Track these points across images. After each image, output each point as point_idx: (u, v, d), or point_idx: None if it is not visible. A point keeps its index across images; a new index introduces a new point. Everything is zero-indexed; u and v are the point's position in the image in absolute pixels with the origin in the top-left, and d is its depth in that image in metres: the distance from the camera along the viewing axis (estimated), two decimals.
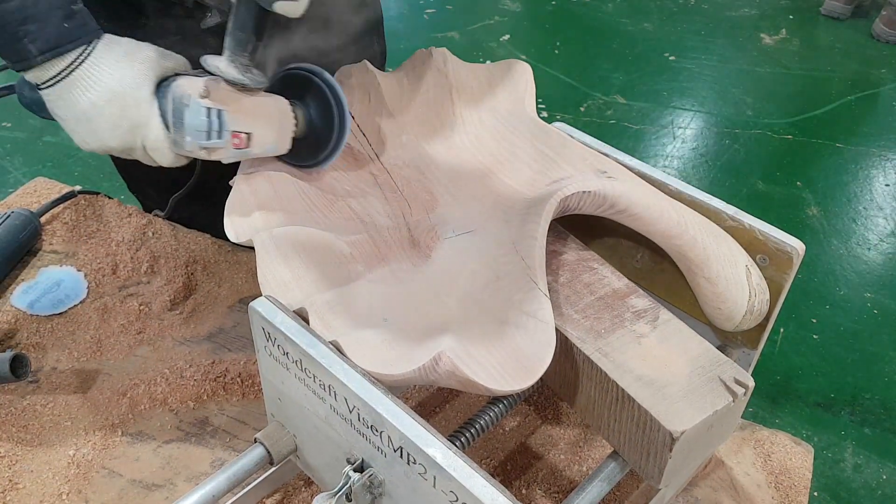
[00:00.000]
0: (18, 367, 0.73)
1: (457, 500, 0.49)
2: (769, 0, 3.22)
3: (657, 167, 1.15)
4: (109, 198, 1.02)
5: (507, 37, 2.89)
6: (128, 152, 0.65)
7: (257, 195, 0.67)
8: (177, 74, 0.64)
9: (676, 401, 0.56)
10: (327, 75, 0.67)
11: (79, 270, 0.93)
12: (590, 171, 0.69)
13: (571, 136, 0.74)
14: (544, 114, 2.49)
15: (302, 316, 0.58)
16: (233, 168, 0.71)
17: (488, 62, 0.80)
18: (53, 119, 0.66)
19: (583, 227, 0.72)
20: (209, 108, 0.61)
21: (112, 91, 0.61)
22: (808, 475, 0.78)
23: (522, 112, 0.76)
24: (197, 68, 0.68)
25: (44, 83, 0.61)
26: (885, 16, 2.94)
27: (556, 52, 2.84)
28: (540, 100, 2.47)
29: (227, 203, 0.66)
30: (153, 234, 0.97)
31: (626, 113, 2.54)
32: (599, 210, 0.66)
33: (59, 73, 0.61)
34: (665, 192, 0.68)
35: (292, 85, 0.69)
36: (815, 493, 1.49)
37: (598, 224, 0.71)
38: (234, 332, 0.88)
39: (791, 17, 3.12)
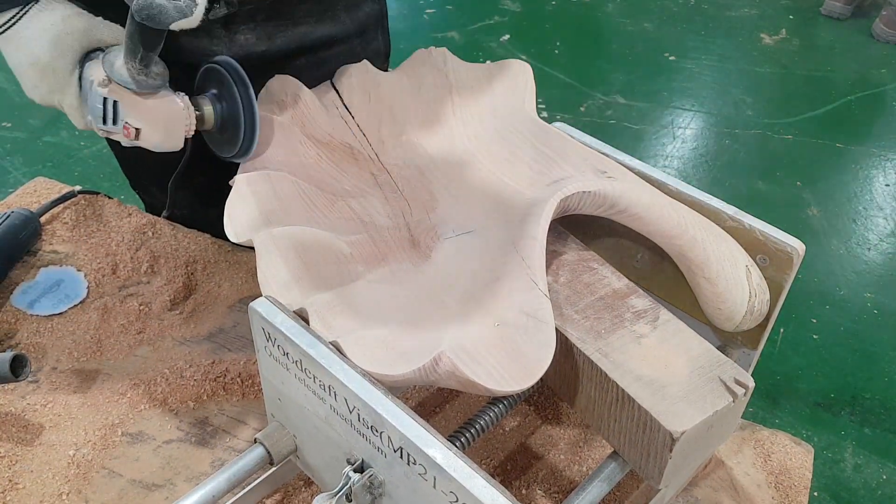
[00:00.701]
0: (18, 367, 0.73)
1: (457, 501, 0.49)
2: (769, 0, 3.22)
3: (657, 167, 1.15)
4: (109, 198, 1.02)
5: (507, 37, 2.89)
6: (53, 107, 0.70)
7: (257, 195, 0.67)
8: (108, 48, 0.68)
9: (676, 401, 0.56)
10: (239, 71, 0.69)
11: (79, 270, 0.93)
12: (590, 171, 0.69)
13: (571, 136, 0.74)
14: (544, 114, 2.49)
15: (302, 316, 0.58)
16: (232, 168, 0.71)
17: (488, 62, 0.80)
18: None
19: (583, 227, 0.72)
20: (105, 98, 0.66)
21: (35, 56, 0.66)
22: (808, 475, 0.78)
23: (522, 112, 0.76)
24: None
25: None
26: (885, 16, 2.94)
27: (556, 52, 2.84)
28: (540, 100, 2.47)
29: (227, 203, 0.67)
30: (153, 234, 0.97)
31: (626, 113, 2.54)
32: (599, 210, 0.66)
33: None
34: (665, 192, 0.68)
35: (211, 79, 0.72)
36: (815, 493, 1.49)
37: (598, 224, 0.71)
38: (234, 332, 0.88)
39: (791, 17, 3.12)
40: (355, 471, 0.56)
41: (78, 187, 1.03)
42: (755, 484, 0.77)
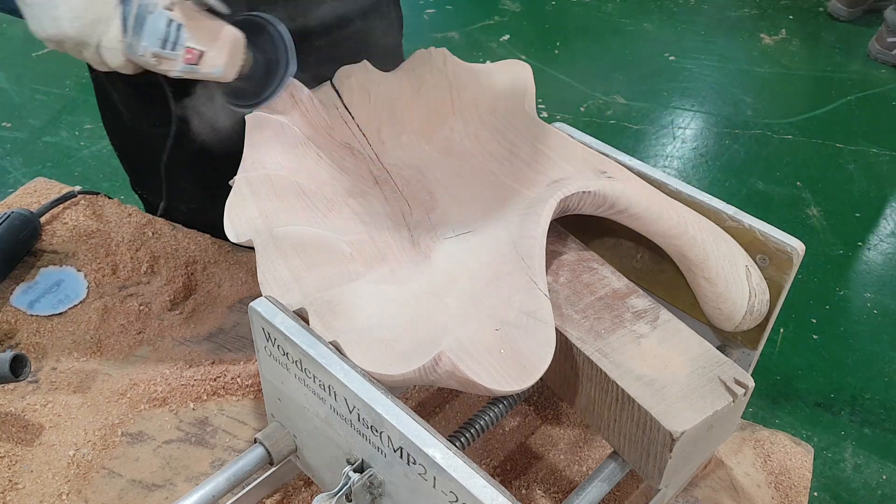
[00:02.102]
0: (18, 367, 0.73)
1: (457, 501, 0.49)
2: (769, 0, 3.22)
3: (657, 167, 1.15)
4: (109, 198, 1.02)
5: (507, 37, 2.89)
6: (81, 46, 0.66)
7: (257, 195, 0.67)
8: None
9: (676, 401, 0.56)
10: (281, 25, 0.71)
11: (79, 270, 0.93)
12: (590, 171, 0.69)
13: (571, 136, 0.74)
14: (544, 114, 2.49)
15: (302, 316, 0.58)
16: (233, 167, 0.71)
17: (488, 62, 0.80)
18: (13, 12, 0.68)
19: (583, 227, 0.72)
20: (171, 20, 0.65)
21: None
22: (808, 475, 0.78)
23: (522, 112, 0.76)
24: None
25: None
26: (880, 31, 2.86)
27: (556, 52, 2.84)
28: (540, 100, 2.47)
29: (227, 203, 0.66)
30: (153, 234, 0.97)
31: (626, 113, 2.54)
32: (599, 210, 0.66)
33: None
34: (665, 192, 0.68)
35: (249, 29, 0.73)
36: (815, 493, 1.49)
37: (598, 224, 0.71)
38: (234, 332, 0.88)
39: (791, 17, 3.12)
40: (355, 471, 0.56)
41: (78, 187, 1.03)
42: (755, 484, 0.77)
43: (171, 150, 0.90)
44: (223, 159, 0.76)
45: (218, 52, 0.68)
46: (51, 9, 0.64)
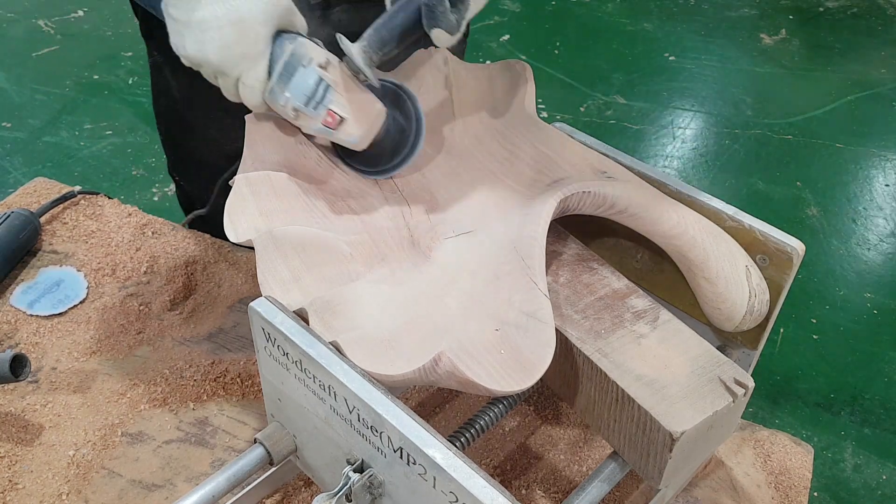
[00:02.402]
0: (18, 367, 0.73)
1: (457, 501, 0.49)
2: (769, 0, 3.22)
3: (657, 167, 1.15)
4: (109, 198, 1.02)
5: (507, 37, 2.89)
6: (218, 74, 0.65)
7: (257, 195, 0.67)
8: (296, 33, 0.66)
9: (676, 401, 0.56)
10: (413, 94, 0.70)
11: (79, 270, 0.93)
12: (590, 171, 0.69)
13: (571, 136, 0.74)
14: (544, 114, 2.49)
15: (302, 316, 0.58)
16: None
17: (488, 62, 0.80)
18: (156, 12, 0.66)
19: (583, 227, 0.72)
20: (321, 79, 0.63)
21: (239, 14, 0.61)
22: (808, 475, 0.78)
23: (522, 112, 0.76)
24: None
25: None
26: None
27: (556, 52, 2.84)
28: (540, 100, 2.47)
29: (227, 203, 0.66)
30: (153, 234, 0.97)
31: (626, 113, 2.54)
32: (599, 210, 0.66)
33: None
34: (665, 192, 0.68)
35: (382, 95, 0.71)
36: (815, 493, 1.49)
37: (598, 224, 0.71)
38: (234, 332, 0.88)
39: (791, 17, 3.12)
40: (355, 471, 0.56)
41: (78, 187, 1.03)
42: (755, 484, 0.77)
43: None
44: None
45: (359, 121, 0.66)
46: (199, 31, 0.62)
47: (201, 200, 1.06)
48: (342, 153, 0.73)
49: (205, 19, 0.61)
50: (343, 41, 0.65)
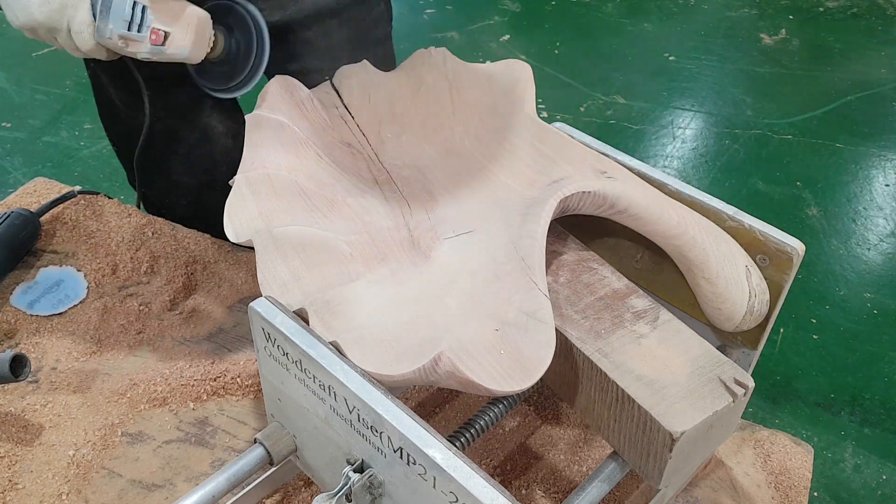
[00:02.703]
0: (18, 367, 0.73)
1: (457, 501, 0.49)
2: (769, 0, 3.22)
3: (657, 167, 1.15)
4: (109, 198, 1.02)
5: (507, 37, 2.89)
6: (53, 32, 0.68)
7: (257, 195, 0.67)
8: None
9: (676, 401, 0.56)
10: (252, 7, 0.72)
11: (79, 270, 0.93)
12: (590, 171, 0.69)
13: (571, 136, 0.74)
14: (544, 114, 2.48)
15: (302, 316, 0.58)
16: (215, 160, 0.71)
17: (488, 62, 0.80)
18: None
19: (583, 227, 0.72)
20: (135, 2, 0.66)
21: None
22: (808, 475, 0.78)
23: (522, 112, 0.76)
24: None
25: None
26: None
27: (556, 52, 2.84)
28: (540, 100, 2.47)
29: (226, 203, 0.67)
30: (153, 234, 0.97)
31: (626, 113, 2.54)
32: (599, 210, 0.66)
33: None
34: (665, 192, 0.68)
35: (224, 13, 0.74)
36: (815, 493, 1.49)
37: (598, 224, 0.71)
38: (234, 332, 0.88)
39: (791, 17, 3.11)
40: (355, 471, 0.56)
41: (78, 187, 1.03)
42: (755, 484, 0.77)
43: (150, 140, 0.91)
44: (204, 153, 0.76)
45: (183, 32, 0.68)
46: None
47: (164, 205, 1.05)
48: (197, 76, 0.75)
49: None
50: None
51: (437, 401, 0.83)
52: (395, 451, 0.52)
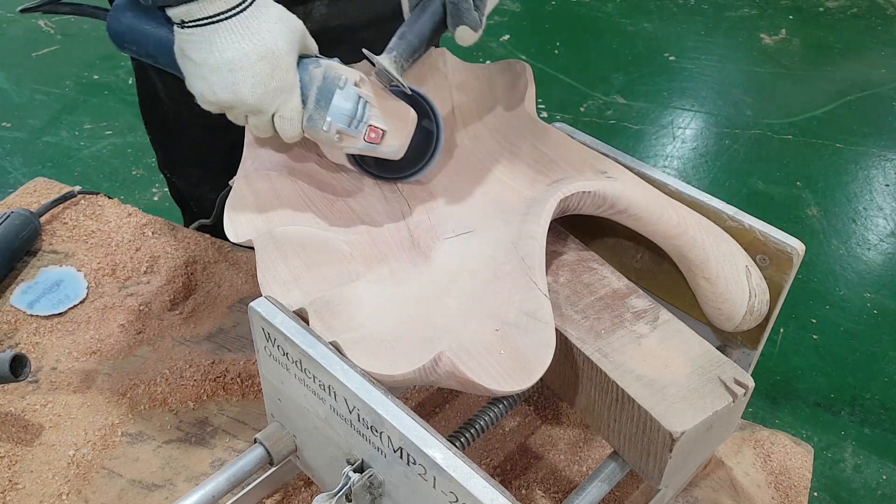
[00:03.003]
0: (18, 367, 0.73)
1: (457, 501, 0.49)
2: (769, 0, 3.22)
3: (657, 167, 1.15)
4: (109, 198, 1.02)
5: (507, 37, 2.89)
6: (253, 114, 0.63)
7: (257, 195, 0.67)
8: (315, 56, 0.65)
9: (676, 401, 0.56)
10: (430, 98, 0.69)
11: (79, 270, 0.93)
12: (590, 171, 0.69)
13: (571, 136, 0.74)
14: (544, 114, 2.48)
15: (302, 316, 0.58)
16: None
17: (488, 62, 0.80)
18: (133, 53, 0.64)
19: (583, 227, 0.72)
20: (359, 97, 0.62)
21: (269, 49, 0.59)
22: (808, 475, 0.78)
23: (522, 112, 0.76)
24: None
25: (193, 21, 0.58)
26: None
27: (556, 52, 2.84)
28: (540, 100, 2.47)
29: (226, 203, 0.66)
30: (153, 234, 0.97)
31: (626, 113, 2.54)
32: (599, 210, 0.66)
33: (217, 15, 0.58)
34: (665, 192, 0.68)
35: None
36: (815, 493, 1.49)
37: (598, 224, 0.71)
38: (234, 332, 0.88)
39: (791, 17, 3.11)
40: (355, 471, 0.56)
41: (78, 187, 1.03)
42: (755, 484, 0.77)
43: (191, 133, 0.91)
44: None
45: (398, 131, 0.65)
46: (228, 72, 0.59)
47: (193, 196, 1.06)
48: (360, 161, 0.71)
49: (233, 59, 0.59)
50: (371, 55, 0.65)
51: (437, 401, 0.83)
52: (395, 451, 0.52)
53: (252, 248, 0.63)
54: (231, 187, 0.69)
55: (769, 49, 2.91)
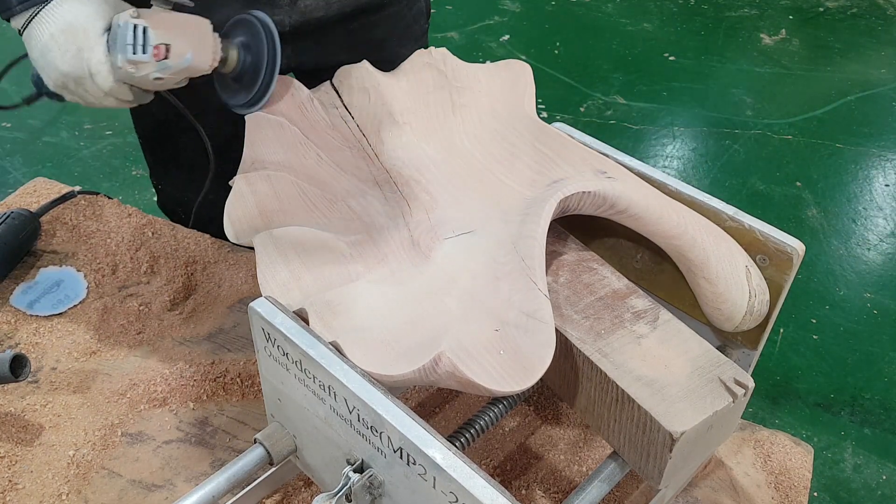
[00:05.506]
0: (18, 367, 0.73)
1: (457, 501, 0.49)
2: (769, 0, 3.22)
3: (657, 167, 1.15)
4: (109, 198, 1.02)
5: (507, 37, 2.89)
6: (80, 82, 0.70)
7: (257, 195, 0.67)
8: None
9: (676, 401, 0.56)
10: (267, 19, 0.73)
11: (79, 270, 0.93)
12: (590, 171, 0.69)
13: (571, 136, 0.74)
14: (544, 114, 2.48)
15: (302, 316, 0.58)
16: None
17: (488, 62, 0.80)
18: (45, 88, 0.74)
19: (583, 227, 0.72)
20: (136, 25, 0.68)
21: (67, 22, 0.68)
22: (807, 475, 0.78)
23: (522, 112, 0.76)
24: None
25: (22, 28, 0.70)
26: None
27: (556, 52, 2.84)
28: (540, 100, 2.46)
29: (226, 203, 0.67)
30: (153, 234, 0.97)
31: (626, 113, 2.54)
32: (599, 210, 0.66)
33: (31, 16, 0.69)
34: (665, 192, 0.68)
35: (241, 29, 0.74)
36: (815, 494, 1.49)
37: (598, 224, 0.71)
38: (234, 332, 0.88)
39: (791, 17, 3.11)
40: (355, 471, 0.56)
41: (78, 187, 1.03)
42: (755, 484, 0.77)
43: (175, 136, 0.92)
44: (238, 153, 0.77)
45: (182, 39, 0.69)
46: (46, 53, 0.69)
47: (182, 202, 1.06)
48: (222, 93, 0.76)
49: (45, 42, 0.69)
50: None
51: (437, 401, 0.83)
52: (395, 452, 0.52)
53: (252, 248, 0.64)
54: (228, 189, 0.69)
55: (769, 49, 2.91)
